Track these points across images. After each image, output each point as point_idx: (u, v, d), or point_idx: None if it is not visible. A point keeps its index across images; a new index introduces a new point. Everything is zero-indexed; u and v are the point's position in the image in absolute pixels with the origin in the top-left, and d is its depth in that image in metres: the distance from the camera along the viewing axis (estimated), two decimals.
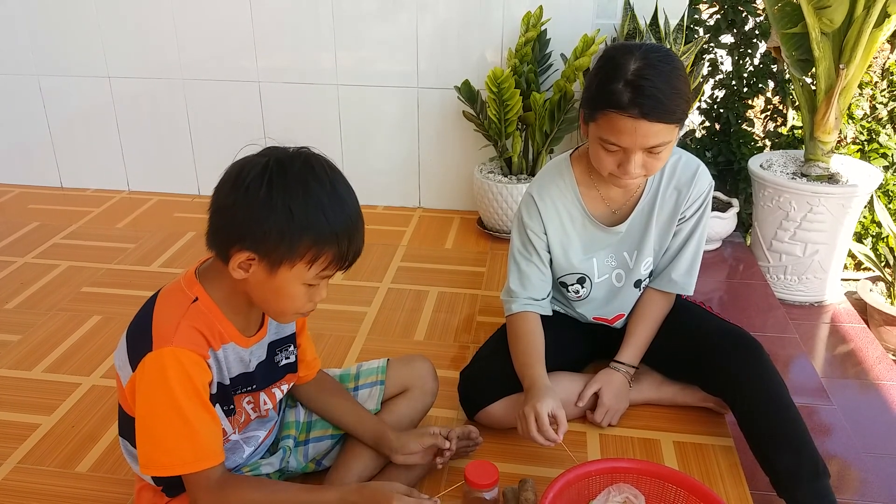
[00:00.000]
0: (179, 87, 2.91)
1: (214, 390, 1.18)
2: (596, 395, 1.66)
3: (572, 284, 1.68)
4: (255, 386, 1.27)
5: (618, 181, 1.48)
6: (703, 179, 1.61)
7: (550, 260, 1.66)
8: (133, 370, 1.13)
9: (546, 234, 1.62)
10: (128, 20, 2.84)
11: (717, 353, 1.57)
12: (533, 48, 2.56)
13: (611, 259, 1.67)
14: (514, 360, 1.59)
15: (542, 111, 2.48)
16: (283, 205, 1.06)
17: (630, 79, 1.35)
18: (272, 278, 1.10)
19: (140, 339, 1.13)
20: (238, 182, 1.07)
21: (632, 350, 1.68)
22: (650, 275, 1.71)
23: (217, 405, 1.20)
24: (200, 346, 1.13)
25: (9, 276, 2.41)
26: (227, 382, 1.21)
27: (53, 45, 2.92)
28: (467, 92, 2.58)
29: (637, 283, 1.70)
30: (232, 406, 1.24)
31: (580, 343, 1.77)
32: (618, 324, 1.75)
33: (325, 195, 1.08)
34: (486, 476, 1.38)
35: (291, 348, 1.34)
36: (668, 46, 2.39)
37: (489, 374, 1.64)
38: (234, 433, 1.28)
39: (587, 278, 1.67)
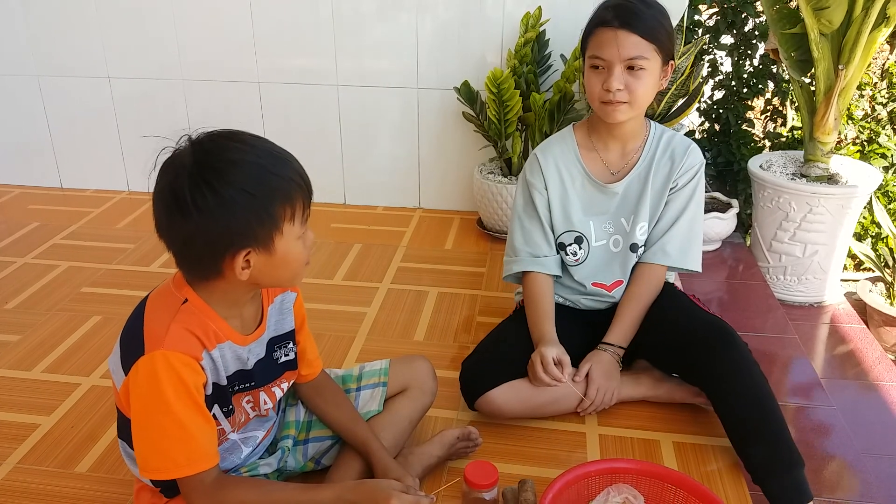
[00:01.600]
0: (179, 87, 2.91)
1: (209, 391, 1.18)
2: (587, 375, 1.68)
3: (570, 244, 1.74)
4: (253, 383, 1.27)
5: (605, 107, 1.60)
6: (695, 154, 1.72)
7: (550, 219, 1.74)
8: (126, 374, 1.13)
9: (547, 189, 1.72)
10: (128, 20, 2.84)
11: (695, 344, 1.59)
12: (532, 49, 2.56)
13: (608, 226, 1.74)
14: (528, 321, 1.72)
15: (542, 112, 2.49)
16: (237, 193, 1.05)
17: (613, 3, 1.57)
18: (273, 255, 1.12)
19: (132, 343, 1.13)
20: (183, 207, 1.06)
21: (619, 330, 1.71)
22: (646, 243, 1.75)
23: (215, 406, 1.20)
24: (193, 348, 1.13)
25: (9, 276, 2.41)
26: (224, 382, 1.21)
27: (53, 45, 2.92)
28: (467, 93, 2.58)
29: (633, 247, 1.74)
30: (231, 407, 1.24)
31: (581, 337, 1.77)
32: (616, 292, 1.77)
33: (256, 157, 1.08)
34: (485, 476, 1.38)
35: (291, 345, 1.34)
36: None
37: (489, 361, 1.66)
38: (233, 433, 1.28)
39: (584, 238, 1.74)
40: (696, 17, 2.83)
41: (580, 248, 1.74)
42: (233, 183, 1.05)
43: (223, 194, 1.05)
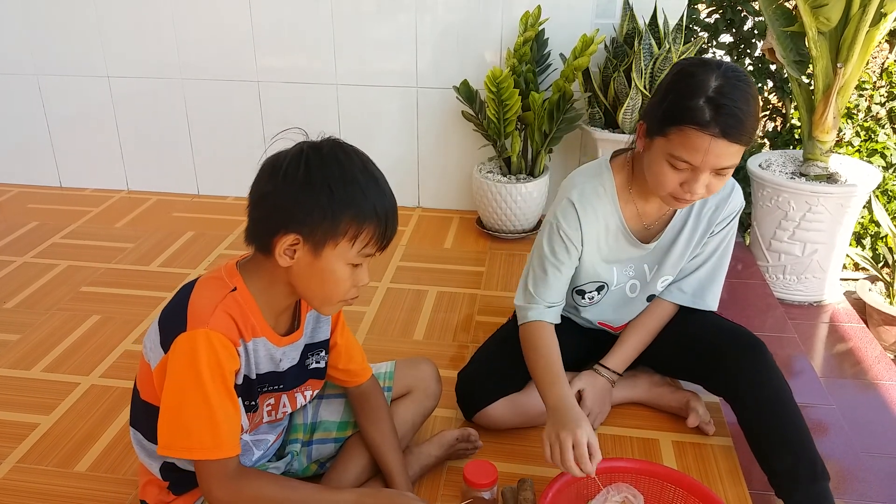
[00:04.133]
0: (179, 86, 2.91)
1: (240, 381, 1.18)
2: (580, 394, 1.64)
3: (590, 292, 1.66)
4: (282, 386, 1.27)
5: (674, 201, 1.43)
6: (737, 197, 1.59)
7: (575, 271, 1.62)
8: (165, 352, 1.13)
9: (583, 244, 1.55)
10: (127, 20, 2.84)
11: (721, 353, 1.56)
12: (531, 48, 2.56)
13: (629, 269, 1.64)
14: (534, 375, 1.52)
15: (541, 111, 2.48)
16: (322, 183, 1.09)
17: (712, 96, 1.29)
18: (317, 260, 1.12)
19: (174, 321, 1.13)
20: (275, 171, 1.11)
21: (620, 357, 1.67)
22: None
23: (240, 399, 1.20)
24: (233, 334, 1.14)
25: (8, 275, 2.41)
26: (254, 377, 1.21)
27: (53, 44, 2.92)
28: (466, 92, 2.58)
29: (650, 298, 1.69)
30: (255, 402, 1.24)
31: (579, 346, 1.77)
32: (619, 332, 1.74)
33: (360, 173, 1.12)
34: (484, 476, 1.38)
35: (322, 353, 1.34)
36: (668, 46, 2.39)
37: (487, 375, 1.64)
38: (246, 433, 1.28)
39: (606, 286, 1.65)
40: (695, 16, 2.83)
41: (598, 294, 1.66)
42: (326, 175, 1.09)
43: (312, 176, 1.09)
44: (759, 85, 2.88)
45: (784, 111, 3.04)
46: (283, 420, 1.39)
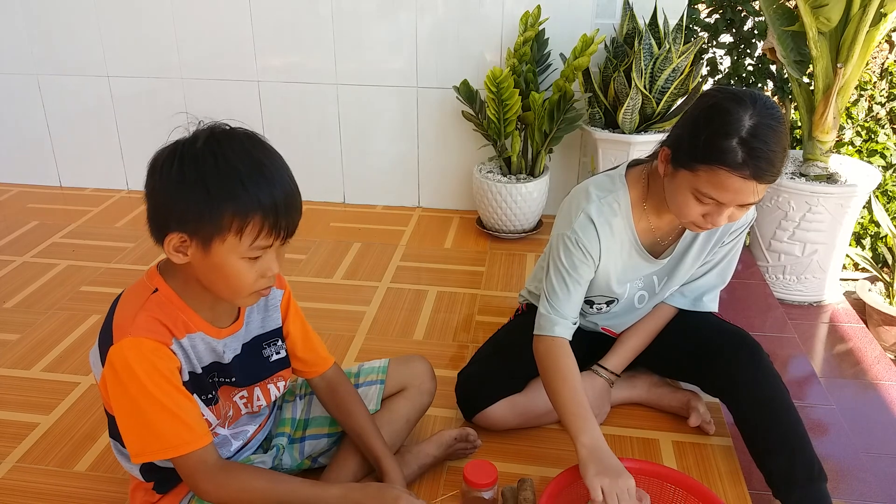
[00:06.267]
0: (179, 86, 2.91)
1: (186, 378, 1.17)
2: None
3: (599, 303, 1.65)
4: (234, 379, 1.26)
5: (694, 227, 1.42)
6: (751, 211, 1.54)
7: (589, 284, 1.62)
8: (103, 366, 1.13)
9: (600, 258, 1.52)
10: (127, 18, 2.84)
11: (717, 354, 1.57)
12: (531, 48, 2.56)
13: (638, 282, 1.63)
14: (556, 402, 1.46)
15: (542, 111, 2.48)
16: (196, 180, 1.05)
17: (745, 137, 1.26)
18: (209, 257, 1.09)
19: (105, 336, 1.13)
20: (153, 168, 1.08)
21: (618, 358, 1.68)
22: None
23: (195, 395, 1.19)
24: (160, 334, 1.12)
25: (8, 275, 2.41)
26: (199, 371, 1.20)
27: (53, 44, 2.92)
28: (466, 92, 2.58)
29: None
30: (212, 395, 1.23)
31: (578, 347, 1.76)
32: None
33: (241, 164, 1.06)
34: (484, 476, 1.38)
35: (280, 342, 1.33)
36: (668, 46, 2.39)
37: (487, 376, 1.64)
38: (224, 427, 1.28)
39: (617, 300, 1.64)
40: (695, 16, 2.83)
41: (608, 306, 1.66)
42: (198, 172, 1.05)
43: (185, 176, 1.05)
44: (760, 86, 2.88)
45: (784, 111, 3.04)
46: (264, 410, 1.38)
